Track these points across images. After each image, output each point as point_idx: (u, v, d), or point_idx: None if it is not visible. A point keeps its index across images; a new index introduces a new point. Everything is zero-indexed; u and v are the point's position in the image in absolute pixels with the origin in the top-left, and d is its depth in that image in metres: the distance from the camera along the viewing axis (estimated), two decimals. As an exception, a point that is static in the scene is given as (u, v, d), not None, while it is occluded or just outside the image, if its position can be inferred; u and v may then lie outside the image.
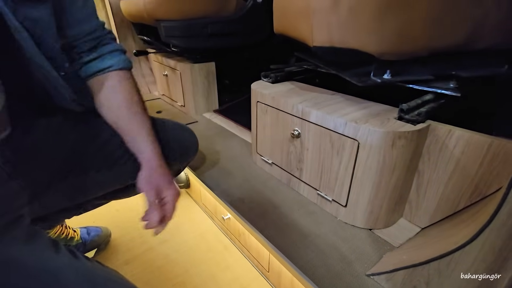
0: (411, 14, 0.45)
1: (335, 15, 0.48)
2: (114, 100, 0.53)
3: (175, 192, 0.52)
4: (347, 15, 0.47)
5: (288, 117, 0.63)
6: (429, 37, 0.48)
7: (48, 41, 0.44)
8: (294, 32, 0.65)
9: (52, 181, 0.48)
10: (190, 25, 1.02)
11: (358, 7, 0.46)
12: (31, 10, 0.41)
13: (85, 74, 0.53)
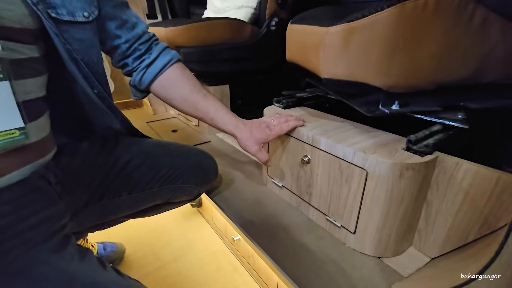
0: (417, 53, 0.48)
1: (345, 52, 0.52)
2: (185, 89, 0.61)
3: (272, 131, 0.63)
4: (356, 53, 0.51)
5: (298, 143, 0.66)
6: (435, 73, 0.51)
7: (92, 60, 0.50)
8: (305, 63, 0.69)
9: (90, 201, 0.52)
10: (207, 51, 1.08)
11: (367, 46, 0.49)
12: (77, 31, 0.46)
13: (151, 76, 0.60)
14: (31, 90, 0.41)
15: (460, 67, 0.51)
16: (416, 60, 0.49)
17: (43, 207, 0.40)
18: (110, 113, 0.56)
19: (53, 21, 0.42)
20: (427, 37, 0.47)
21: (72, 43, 0.46)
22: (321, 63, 0.57)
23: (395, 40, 0.47)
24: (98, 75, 0.51)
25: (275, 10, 1.19)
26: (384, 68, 0.50)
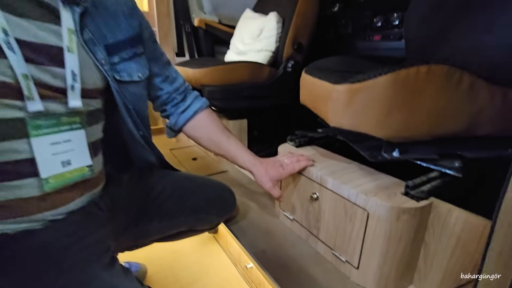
0: (412, 112, 0.55)
1: (350, 108, 0.60)
2: (212, 131, 0.72)
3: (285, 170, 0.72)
4: (359, 109, 0.59)
5: (308, 182, 0.73)
6: (431, 128, 0.58)
7: (140, 108, 0.61)
8: (316, 110, 0.78)
9: (128, 225, 0.61)
10: (229, 90, 1.21)
11: (368, 104, 0.57)
12: (132, 87, 0.58)
13: (184, 120, 0.71)
14: (95, 134, 0.53)
15: (453, 124, 0.58)
16: (411, 117, 0.56)
17: (96, 230, 0.49)
18: (148, 149, 0.66)
19: (117, 82, 0.54)
20: (420, 99, 0.55)
21: (127, 96, 0.57)
22: (329, 114, 0.66)
23: (392, 101, 0.55)
24: (143, 119, 0.62)
25: (291, 54, 1.31)
26: (384, 123, 0.58)
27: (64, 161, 0.46)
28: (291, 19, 1.28)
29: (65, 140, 0.46)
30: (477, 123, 0.60)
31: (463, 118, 0.59)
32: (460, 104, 0.57)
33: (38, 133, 0.42)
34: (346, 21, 1.41)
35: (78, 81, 0.45)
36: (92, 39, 0.49)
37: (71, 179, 0.47)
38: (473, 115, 0.59)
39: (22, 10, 0.40)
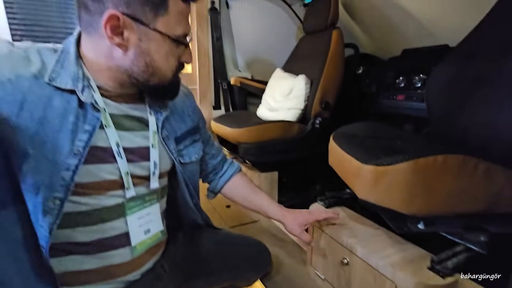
0: (433, 194, 0.63)
1: (376, 186, 0.68)
2: (245, 191, 0.83)
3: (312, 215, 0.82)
4: (384, 189, 0.67)
5: (339, 246, 0.80)
6: (451, 208, 0.64)
7: (195, 180, 0.74)
8: (344, 178, 0.86)
9: (181, 281, 0.71)
10: (262, 146, 1.33)
11: (392, 185, 0.65)
12: (190, 166, 0.71)
13: (222, 183, 0.83)
14: (164, 204, 0.66)
15: (473, 204, 0.64)
16: (432, 199, 0.63)
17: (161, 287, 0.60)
18: (197, 213, 0.78)
19: (181, 164, 0.67)
20: (439, 184, 0.62)
21: (186, 173, 0.70)
22: (357, 188, 0.74)
23: (413, 184, 0.63)
24: (196, 189, 0.75)
25: (319, 111, 1.43)
26: (407, 202, 0.65)
27: (146, 230, 0.59)
28: (318, 81, 1.42)
29: (147, 214, 0.59)
30: (497, 202, 0.65)
31: (482, 199, 0.64)
32: (478, 188, 0.63)
33: (131, 212, 0.56)
34: (370, 81, 1.53)
35: (157, 168, 0.59)
36: (167, 136, 0.63)
37: (150, 244, 0.59)
38: (492, 197, 0.65)
39: (127, 125, 0.55)
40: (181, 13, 0.50)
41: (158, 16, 0.46)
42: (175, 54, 0.52)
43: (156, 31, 0.47)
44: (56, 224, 0.46)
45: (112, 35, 0.45)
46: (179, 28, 0.50)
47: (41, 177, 0.44)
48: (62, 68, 0.47)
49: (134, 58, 0.48)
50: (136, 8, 0.44)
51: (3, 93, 0.42)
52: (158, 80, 0.52)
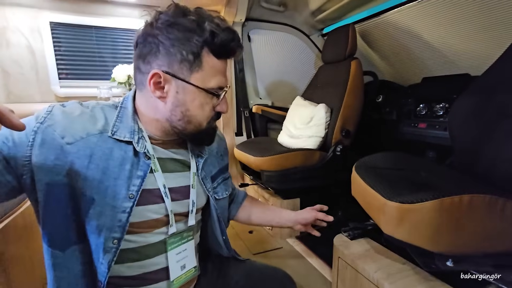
0: (459, 233, 0.63)
1: (401, 223, 0.70)
2: (257, 210, 0.86)
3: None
4: (410, 226, 0.68)
5: (365, 281, 0.80)
6: (479, 248, 0.64)
7: (225, 215, 0.78)
8: (367, 211, 0.88)
9: None
10: (284, 174, 1.37)
11: (418, 223, 0.66)
12: (222, 201, 0.75)
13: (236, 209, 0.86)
14: (197, 240, 0.70)
15: (502, 244, 0.64)
16: (459, 239, 0.64)
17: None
18: (226, 249, 0.81)
19: (215, 200, 0.73)
20: (465, 224, 0.63)
21: (219, 208, 0.75)
22: (382, 223, 0.76)
23: (439, 223, 0.64)
24: (226, 225, 0.79)
25: (339, 139, 1.46)
26: (434, 241, 0.66)
27: (182, 265, 0.63)
28: (338, 109, 1.46)
29: (183, 250, 0.64)
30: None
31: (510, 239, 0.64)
32: (507, 229, 0.63)
33: (171, 247, 0.60)
34: (391, 108, 1.55)
35: (195, 206, 0.64)
36: (205, 176, 0.69)
37: (185, 279, 0.63)
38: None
39: (171, 168, 0.61)
40: (215, 68, 0.54)
41: (193, 72, 0.52)
42: (209, 104, 0.56)
43: (191, 84, 0.52)
44: (114, 261, 0.51)
45: (154, 89, 0.52)
46: (213, 81, 0.54)
47: (103, 220, 0.50)
48: (121, 122, 0.55)
49: (172, 109, 0.55)
50: (174, 66, 0.51)
51: (77, 149, 0.49)
52: (194, 127, 0.57)
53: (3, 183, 0.46)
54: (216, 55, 0.53)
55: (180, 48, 0.50)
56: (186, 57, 0.51)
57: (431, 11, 1.29)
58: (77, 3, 1.56)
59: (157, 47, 0.51)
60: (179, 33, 0.50)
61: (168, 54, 0.51)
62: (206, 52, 0.52)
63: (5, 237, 0.74)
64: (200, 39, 0.50)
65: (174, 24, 0.50)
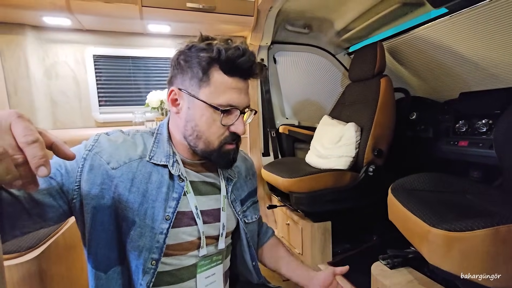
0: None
1: (450, 253, 0.63)
2: (282, 253, 0.81)
3: None
4: (459, 257, 0.62)
5: (410, 317, 0.73)
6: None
7: (254, 240, 0.76)
8: (407, 237, 0.81)
9: None
10: (314, 196, 1.33)
11: (470, 254, 0.60)
12: (251, 225, 0.74)
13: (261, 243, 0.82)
14: (226, 265, 0.68)
15: None
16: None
17: None
18: (254, 273, 0.79)
19: (244, 223, 0.71)
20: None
21: (249, 233, 0.73)
22: (426, 252, 0.69)
23: (495, 254, 0.57)
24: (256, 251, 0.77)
25: (372, 159, 1.40)
26: (490, 273, 0.59)
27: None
28: (369, 128, 1.41)
29: (212, 274, 0.63)
30: None
31: None
32: None
33: (200, 270, 0.60)
34: (426, 126, 1.47)
35: (225, 230, 0.64)
36: (235, 199, 0.69)
37: None
38: None
39: (203, 190, 0.62)
40: (225, 85, 0.54)
41: (201, 87, 0.54)
42: (217, 121, 0.55)
43: (199, 99, 0.54)
44: (152, 282, 0.52)
45: (172, 105, 0.57)
46: (222, 97, 0.54)
47: (143, 241, 0.52)
48: (158, 147, 0.58)
49: (184, 124, 0.57)
50: (186, 83, 0.55)
51: (121, 174, 0.53)
52: (204, 145, 0.57)
53: (55, 207, 0.49)
54: (226, 72, 0.54)
55: (191, 66, 0.54)
56: (195, 73, 0.54)
57: (464, 24, 1.24)
58: (116, 36, 1.70)
59: (177, 69, 0.56)
60: (193, 54, 0.54)
61: (183, 72, 0.55)
62: (215, 69, 0.53)
63: (48, 257, 0.77)
64: (207, 55, 0.52)
65: (192, 47, 0.55)
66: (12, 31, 1.48)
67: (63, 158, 0.34)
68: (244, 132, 0.58)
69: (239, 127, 0.57)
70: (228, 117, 0.56)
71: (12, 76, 1.50)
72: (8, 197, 0.44)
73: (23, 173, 0.30)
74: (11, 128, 0.30)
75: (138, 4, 1.40)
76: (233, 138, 0.58)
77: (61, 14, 1.39)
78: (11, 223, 0.45)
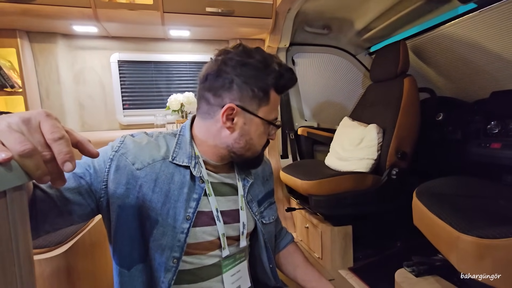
0: None
1: (483, 262, 0.59)
2: (300, 260, 0.79)
3: None
4: (494, 266, 0.57)
5: (438, 328, 0.69)
6: None
7: (271, 242, 0.75)
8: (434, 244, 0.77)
9: None
10: (334, 199, 1.30)
11: (505, 263, 0.56)
12: (268, 226, 0.74)
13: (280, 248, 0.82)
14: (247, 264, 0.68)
15: None
16: None
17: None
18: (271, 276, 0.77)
19: (262, 224, 0.71)
20: None
21: (266, 234, 0.73)
22: (456, 261, 0.66)
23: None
24: (273, 253, 0.76)
25: (395, 161, 1.35)
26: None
27: (237, 286, 0.62)
28: (392, 129, 1.36)
29: (237, 271, 0.63)
30: None
31: None
32: None
33: (226, 270, 0.61)
34: (454, 127, 1.40)
35: (245, 228, 0.64)
36: (252, 199, 0.69)
37: None
38: None
39: (222, 191, 0.63)
40: (276, 102, 0.61)
41: (262, 106, 0.58)
42: (266, 133, 0.62)
43: (258, 117, 0.58)
44: (173, 280, 0.54)
45: (225, 121, 0.57)
46: (273, 113, 0.61)
47: (166, 240, 0.53)
48: (180, 149, 0.60)
49: (237, 137, 0.59)
50: (246, 101, 0.57)
51: (145, 174, 0.54)
52: (251, 154, 0.62)
53: (84, 205, 0.51)
54: (278, 92, 0.60)
55: (252, 86, 0.56)
56: (257, 93, 0.57)
57: (495, 20, 1.17)
58: (139, 42, 1.77)
59: (230, 83, 0.56)
60: (251, 72, 0.56)
61: (240, 90, 0.56)
62: (272, 90, 0.59)
63: (74, 254, 0.81)
64: (270, 78, 0.57)
65: (246, 64, 0.56)
66: (45, 39, 1.58)
67: (87, 155, 0.36)
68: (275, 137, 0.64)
69: (275, 135, 0.65)
70: (271, 127, 0.62)
71: (44, 82, 1.60)
72: (42, 195, 0.47)
73: (51, 169, 0.32)
74: (40, 126, 0.31)
75: (159, 11, 1.45)
76: (268, 144, 0.65)
77: (88, 23, 1.46)
78: (44, 219, 0.47)
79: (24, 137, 0.29)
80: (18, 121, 0.30)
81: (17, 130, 0.30)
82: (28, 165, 0.29)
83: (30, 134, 0.30)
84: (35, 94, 1.57)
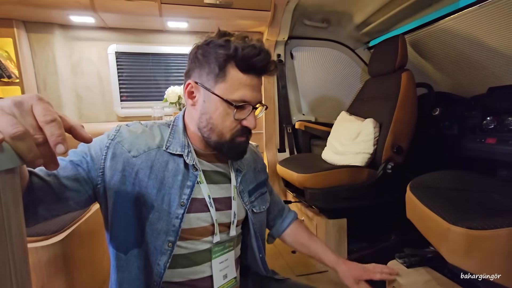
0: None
1: (471, 253, 0.60)
2: (304, 236, 0.82)
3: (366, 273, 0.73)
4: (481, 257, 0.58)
5: (426, 317, 0.70)
6: None
7: (262, 232, 0.76)
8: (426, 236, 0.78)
9: None
10: (329, 192, 1.31)
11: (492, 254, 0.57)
12: (259, 215, 0.75)
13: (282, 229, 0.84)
14: (238, 252, 0.69)
15: None
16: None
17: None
18: (261, 266, 0.79)
19: (252, 213, 0.72)
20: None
21: (257, 223, 0.74)
22: (446, 251, 0.67)
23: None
24: (263, 242, 0.77)
25: (390, 156, 1.36)
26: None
27: (224, 275, 0.64)
28: (389, 124, 1.37)
29: (225, 259, 0.65)
30: None
31: None
32: None
33: (215, 256, 0.62)
34: (451, 122, 1.40)
35: (236, 217, 0.65)
36: (243, 189, 0.70)
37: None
38: None
39: (215, 179, 0.64)
40: (240, 82, 0.56)
41: (218, 83, 0.56)
42: (230, 115, 0.57)
43: (214, 94, 0.56)
44: (169, 263, 0.56)
45: (188, 97, 0.60)
46: (236, 93, 0.56)
47: (161, 224, 0.55)
48: (174, 138, 0.61)
49: (199, 116, 0.59)
50: (203, 77, 0.57)
51: (141, 161, 0.56)
52: (216, 137, 0.59)
53: (82, 192, 0.53)
54: (242, 70, 0.56)
55: (209, 61, 0.56)
56: (212, 69, 0.56)
57: (495, 14, 1.17)
58: (137, 34, 1.76)
59: (195, 63, 0.58)
60: (211, 49, 0.56)
61: (200, 66, 0.57)
62: (232, 66, 0.55)
63: (71, 242, 0.82)
64: (225, 52, 0.54)
65: (210, 43, 0.56)
66: (42, 29, 1.57)
67: (81, 140, 0.36)
68: (255, 126, 0.60)
69: (251, 122, 0.59)
70: (241, 112, 0.58)
71: (42, 72, 1.59)
72: (39, 182, 0.47)
73: (44, 152, 0.32)
74: (33, 110, 0.31)
75: (157, 2, 1.44)
76: (244, 132, 0.61)
77: (86, 13, 1.45)
78: (42, 206, 0.48)
79: (16, 120, 0.30)
80: (10, 104, 0.31)
81: (9, 113, 0.30)
82: (20, 147, 0.29)
83: (22, 117, 0.31)
84: (32, 84, 1.56)
